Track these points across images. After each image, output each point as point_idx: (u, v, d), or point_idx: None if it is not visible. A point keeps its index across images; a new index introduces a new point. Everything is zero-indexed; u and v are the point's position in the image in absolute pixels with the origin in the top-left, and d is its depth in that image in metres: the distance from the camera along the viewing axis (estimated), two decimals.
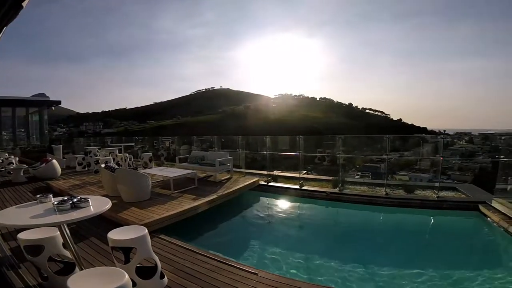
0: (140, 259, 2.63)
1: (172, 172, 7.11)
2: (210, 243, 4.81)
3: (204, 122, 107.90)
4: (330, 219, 6.61)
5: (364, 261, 4.13)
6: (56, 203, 2.46)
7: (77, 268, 2.68)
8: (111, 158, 9.76)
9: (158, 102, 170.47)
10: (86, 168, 10.15)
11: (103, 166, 6.21)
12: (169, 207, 5.23)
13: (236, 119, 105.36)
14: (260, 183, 7.69)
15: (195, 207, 5.38)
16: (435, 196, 6.20)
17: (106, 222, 4.63)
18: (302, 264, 4.14)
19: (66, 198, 2.57)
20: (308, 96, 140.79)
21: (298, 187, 7.29)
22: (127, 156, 10.54)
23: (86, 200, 2.55)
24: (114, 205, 5.22)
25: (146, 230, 2.74)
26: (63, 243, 2.75)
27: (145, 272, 2.68)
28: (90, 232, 4.29)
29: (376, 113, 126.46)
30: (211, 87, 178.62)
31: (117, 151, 10.94)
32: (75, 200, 2.52)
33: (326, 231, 5.79)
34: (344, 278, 3.66)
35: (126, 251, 2.62)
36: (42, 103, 17.49)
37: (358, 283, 3.57)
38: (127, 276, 1.96)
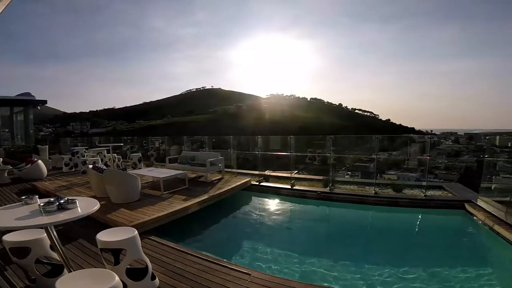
0: (130, 260, 2.59)
1: (162, 172, 7.03)
2: (202, 244, 4.78)
3: (195, 122, 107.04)
4: (322, 218, 6.66)
5: (355, 259, 4.18)
6: (42, 204, 2.40)
7: (65, 270, 2.62)
8: (99, 158, 9.56)
9: (147, 101, 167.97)
10: (73, 169, 9.92)
11: (90, 166, 6.08)
12: (159, 208, 5.17)
13: (227, 119, 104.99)
14: (252, 183, 7.68)
15: (186, 208, 5.34)
16: (423, 195, 6.33)
17: (95, 223, 4.54)
18: (294, 263, 4.16)
19: (52, 199, 2.51)
20: (299, 97, 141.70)
21: (290, 187, 7.32)
22: (116, 156, 10.36)
23: (73, 201, 2.50)
24: (103, 206, 5.12)
25: (136, 232, 2.71)
26: (50, 245, 2.69)
27: (135, 273, 2.65)
28: (78, 233, 4.20)
29: (365, 113, 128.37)
30: (202, 87, 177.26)
31: (105, 151, 10.74)
32: (62, 201, 2.46)
33: (317, 230, 5.85)
34: (336, 277, 3.70)
35: (115, 252, 2.57)
36: (28, 103, 16.98)
37: (350, 281, 3.61)
38: (117, 277, 1.93)
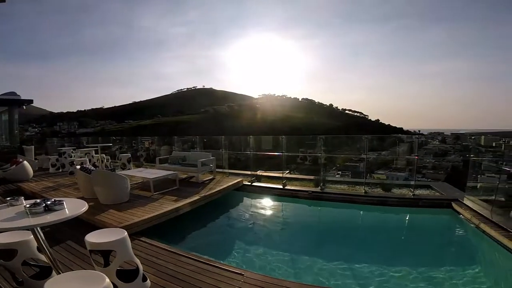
0: (120, 262, 2.55)
1: (152, 173, 6.94)
2: (194, 245, 4.74)
3: (186, 122, 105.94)
4: (313, 218, 6.71)
5: (346, 258, 4.23)
6: (28, 206, 2.36)
7: (54, 272, 2.57)
8: (87, 159, 9.39)
9: (137, 101, 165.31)
10: (60, 170, 9.68)
11: (78, 167, 5.95)
12: (149, 209, 5.10)
13: (219, 119, 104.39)
14: (244, 183, 7.67)
15: (177, 209, 5.28)
16: (411, 194, 6.44)
17: (83, 225, 4.42)
18: (287, 263, 4.18)
19: (39, 200, 2.47)
20: (290, 97, 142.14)
21: (282, 187, 7.34)
22: (104, 157, 10.19)
23: (60, 202, 2.46)
24: (91, 207, 5.05)
25: (126, 233, 2.66)
26: (37, 247, 2.63)
27: (126, 275, 2.61)
28: (66, 235, 4.11)
29: (355, 113, 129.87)
30: (193, 87, 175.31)
31: (93, 151, 10.53)
32: (48, 202, 2.43)
33: (309, 230, 5.87)
34: (326, 276, 3.73)
35: (105, 254, 2.53)
36: (12, 102, 16.43)
37: (341, 280, 3.65)
38: (107, 279, 1.89)
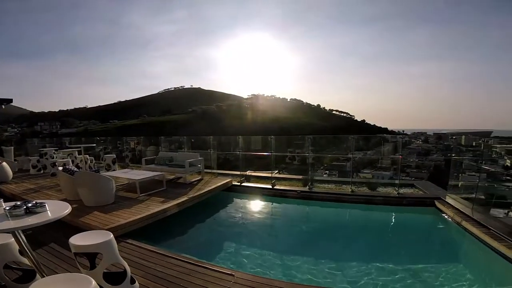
0: (107, 264, 2.48)
1: (137, 174, 6.80)
2: (182, 246, 4.69)
3: (173, 122, 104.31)
4: (302, 217, 6.76)
5: (334, 256, 4.30)
6: (8, 208, 2.27)
7: (38, 275, 2.48)
8: (70, 160, 9.09)
9: (122, 100, 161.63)
10: (42, 171, 9.34)
11: (60, 168, 5.75)
12: (135, 211, 5.00)
13: (207, 119, 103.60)
14: (233, 183, 7.64)
15: (164, 210, 5.20)
16: (396, 193, 6.59)
17: (67, 227, 4.29)
18: (277, 262, 4.20)
19: (19, 203, 2.38)
20: (279, 97, 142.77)
21: (271, 187, 7.35)
22: (88, 158, 9.90)
23: (42, 204, 2.38)
24: (75, 209, 4.91)
25: (112, 235, 2.60)
26: (19, 250, 2.54)
27: (114, 277, 2.54)
28: (49, 238, 3.97)
29: (342, 114, 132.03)
30: (181, 86, 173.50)
31: (76, 152, 10.19)
32: (29, 205, 2.35)
33: (298, 229, 5.92)
34: (316, 274, 3.77)
35: (91, 257, 2.46)
36: None
37: (331, 277, 3.70)
38: (94, 282, 1.84)
